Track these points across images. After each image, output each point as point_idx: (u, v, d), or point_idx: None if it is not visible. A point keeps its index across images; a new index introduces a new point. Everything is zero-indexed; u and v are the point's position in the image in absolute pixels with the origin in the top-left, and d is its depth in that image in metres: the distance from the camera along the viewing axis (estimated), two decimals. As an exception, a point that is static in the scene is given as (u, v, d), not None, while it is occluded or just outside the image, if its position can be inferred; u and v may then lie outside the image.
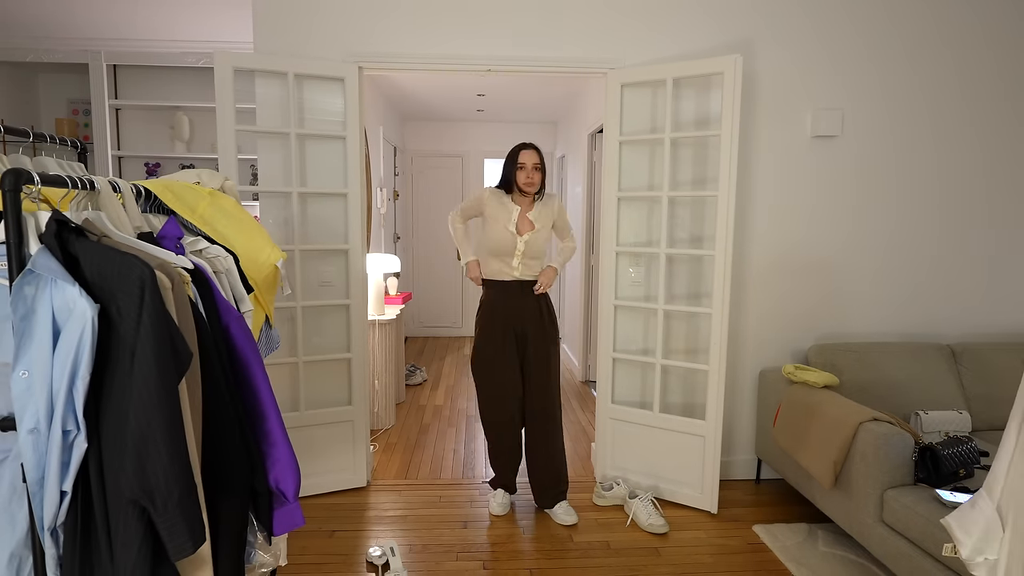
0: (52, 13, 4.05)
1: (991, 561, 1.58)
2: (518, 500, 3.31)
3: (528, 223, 3.06)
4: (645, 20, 3.29)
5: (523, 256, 3.02)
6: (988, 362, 3.28)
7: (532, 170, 3.02)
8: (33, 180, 1.20)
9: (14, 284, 1.16)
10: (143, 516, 1.16)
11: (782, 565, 2.73)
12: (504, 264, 3.04)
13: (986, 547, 1.59)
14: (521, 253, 3.01)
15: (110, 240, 1.33)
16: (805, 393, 3.00)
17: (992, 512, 1.60)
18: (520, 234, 3.03)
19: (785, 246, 3.46)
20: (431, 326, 7.86)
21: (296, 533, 2.92)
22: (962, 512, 1.68)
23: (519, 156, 3.03)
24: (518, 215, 3.04)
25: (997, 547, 1.57)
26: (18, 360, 1.16)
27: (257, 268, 1.89)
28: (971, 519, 1.64)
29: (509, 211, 3.04)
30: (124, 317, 1.16)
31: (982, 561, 1.59)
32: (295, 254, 3.20)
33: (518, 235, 3.02)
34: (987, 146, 3.48)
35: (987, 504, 1.62)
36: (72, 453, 1.18)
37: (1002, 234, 3.55)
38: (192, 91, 4.81)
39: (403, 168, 7.52)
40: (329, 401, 3.37)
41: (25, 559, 1.30)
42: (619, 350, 3.42)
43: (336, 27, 3.21)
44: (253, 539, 1.67)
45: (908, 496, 2.37)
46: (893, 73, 3.38)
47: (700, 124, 3.22)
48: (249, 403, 1.56)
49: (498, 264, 3.06)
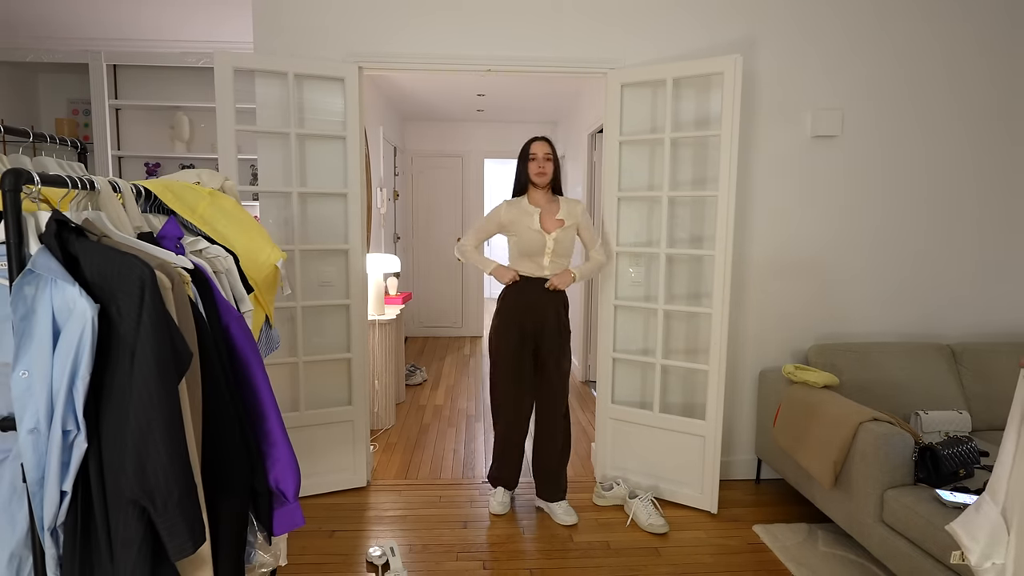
0: (52, 13, 4.05)
1: (999, 565, 1.58)
2: (518, 500, 3.31)
3: (554, 221, 3.06)
4: (645, 20, 3.29)
5: (552, 254, 3.04)
6: (988, 362, 3.28)
7: (543, 160, 3.03)
8: (33, 180, 1.20)
9: (14, 284, 1.16)
10: (143, 516, 1.17)
11: (782, 565, 2.73)
12: (535, 264, 3.06)
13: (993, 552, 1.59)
14: (551, 251, 3.03)
15: (110, 240, 1.33)
16: (805, 393, 3.00)
17: (997, 516, 1.60)
18: (548, 232, 3.03)
19: (785, 246, 3.46)
20: (431, 326, 7.86)
21: (296, 533, 2.92)
22: (967, 518, 1.68)
23: (530, 148, 3.06)
24: (540, 215, 3.05)
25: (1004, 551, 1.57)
26: (18, 360, 1.16)
27: (257, 268, 1.89)
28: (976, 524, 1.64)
29: (530, 213, 3.04)
30: (124, 317, 1.16)
31: (990, 566, 1.59)
32: (295, 254, 3.20)
33: (546, 233, 3.02)
34: (990, 145, 3.48)
35: (991, 508, 1.62)
36: (72, 453, 1.18)
37: (1005, 235, 3.55)
38: (192, 91, 4.81)
39: (403, 168, 7.52)
40: (329, 401, 3.37)
41: (25, 559, 1.30)
42: (619, 350, 3.42)
43: (336, 27, 3.21)
44: (253, 539, 1.67)
45: (908, 496, 2.38)
46: (894, 73, 3.39)
47: (700, 124, 3.22)
48: (249, 403, 1.56)
49: (528, 264, 3.06)
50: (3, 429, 1.26)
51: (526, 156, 3.07)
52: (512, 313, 3.08)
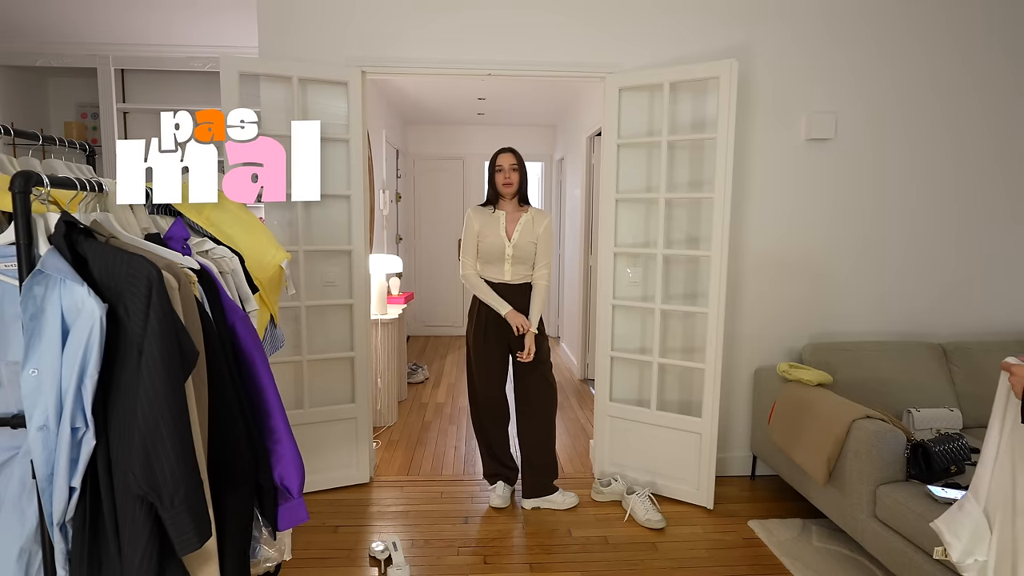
0: (61, 19, 4.09)
1: (980, 562, 1.61)
2: (518, 497, 3.35)
3: (515, 228, 3.15)
4: (643, 25, 3.33)
5: (512, 259, 3.13)
6: (978, 361, 3.31)
7: (509, 171, 3.12)
8: (42, 182, 1.21)
9: (24, 284, 1.17)
10: (150, 512, 1.18)
11: (777, 560, 2.76)
12: (497, 269, 3.15)
13: (975, 548, 1.62)
14: (511, 256, 3.12)
15: (118, 241, 1.35)
16: (799, 391, 3.04)
17: (979, 514, 1.64)
18: (509, 239, 3.13)
19: (780, 247, 3.50)
20: (433, 325, 7.91)
21: (300, 528, 2.96)
22: (950, 515, 1.72)
23: (497, 160, 3.16)
24: (505, 220, 3.15)
25: (986, 548, 1.60)
26: (28, 359, 1.17)
27: (262, 268, 1.91)
28: (959, 522, 1.67)
29: (497, 219, 3.15)
30: (132, 317, 1.18)
31: (972, 563, 1.62)
32: (299, 255, 3.24)
33: (507, 240, 3.12)
34: (981, 147, 3.51)
35: (974, 507, 1.66)
36: (81, 450, 1.19)
37: (994, 235, 3.58)
38: (198, 95, 4.85)
39: (405, 170, 7.57)
40: (333, 399, 3.41)
41: (35, 554, 1.30)
42: (617, 349, 3.46)
43: (340, 32, 3.26)
44: (258, 534, 1.69)
45: (900, 492, 2.41)
46: (886, 76, 3.42)
47: (697, 127, 3.25)
48: (254, 400, 1.58)
49: (491, 270, 3.16)
50: (13, 426, 1.27)
51: (493, 168, 3.16)
52: (484, 317, 3.16)
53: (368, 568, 2.71)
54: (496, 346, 3.17)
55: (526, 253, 3.14)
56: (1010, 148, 3.53)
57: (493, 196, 3.19)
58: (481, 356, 3.19)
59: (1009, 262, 3.60)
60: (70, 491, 1.20)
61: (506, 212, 3.16)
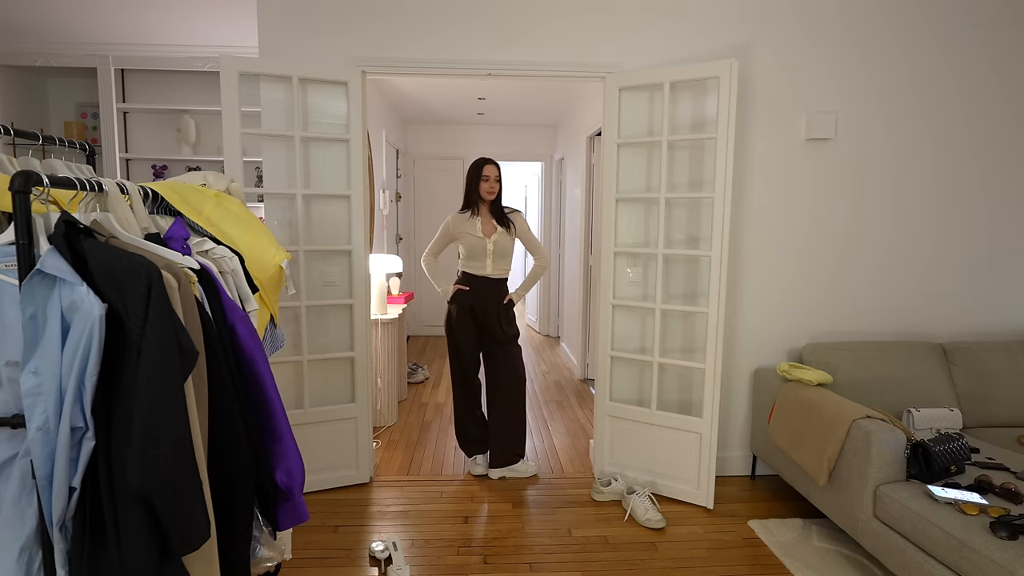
0: (61, 19, 4.10)
1: None
2: (519, 497, 3.35)
3: (492, 228, 3.52)
4: (643, 25, 3.33)
5: (493, 255, 3.51)
6: (978, 361, 3.31)
7: (494, 181, 3.49)
8: (42, 182, 1.21)
9: (24, 284, 1.17)
10: (150, 512, 1.18)
11: (777, 560, 2.76)
12: (479, 264, 3.53)
13: None
14: (491, 252, 3.50)
15: (118, 241, 1.35)
16: (799, 391, 3.04)
17: None
18: (488, 237, 3.49)
19: (780, 247, 3.50)
20: (433, 325, 7.89)
21: (300, 528, 2.97)
22: None
23: (483, 169, 3.48)
24: (482, 223, 3.51)
25: None
26: (27, 359, 1.17)
27: (262, 268, 1.92)
28: None
29: (474, 222, 3.51)
30: (131, 316, 1.17)
31: None
32: (299, 255, 3.25)
33: (486, 238, 3.47)
34: (980, 147, 3.51)
35: None
36: (80, 450, 1.19)
37: (994, 236, 3.58)
38: (198, 95, 4.87)
39: (405, 170, 7.58)
40: (333, 399, 3.42)
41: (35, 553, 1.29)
42: (617, 349, 3.46)
43: (340, 33, 3.26)
44: (258, 533, 1.69)
45: (901, 492, 2.41)
46: (886, 76, 3.42)
47: (696, 127, 3.25)
48: (254, 401, 1.58)
49: (474, 264, 3.55)
50: (13, 426, 1.26)
51: (479, 172, 3.48)
52: (463, 303, 3.55)
53: (368, 568, 2.71)
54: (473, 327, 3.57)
55: (505, 249, 3.54)
56: (1014, 148, 3.52)
57: (475, 201, 3.52)
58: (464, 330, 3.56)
59: (1010, 262, 3.60)
60: (70, 491, 1.20)
61: (482, 217, 3.52)
